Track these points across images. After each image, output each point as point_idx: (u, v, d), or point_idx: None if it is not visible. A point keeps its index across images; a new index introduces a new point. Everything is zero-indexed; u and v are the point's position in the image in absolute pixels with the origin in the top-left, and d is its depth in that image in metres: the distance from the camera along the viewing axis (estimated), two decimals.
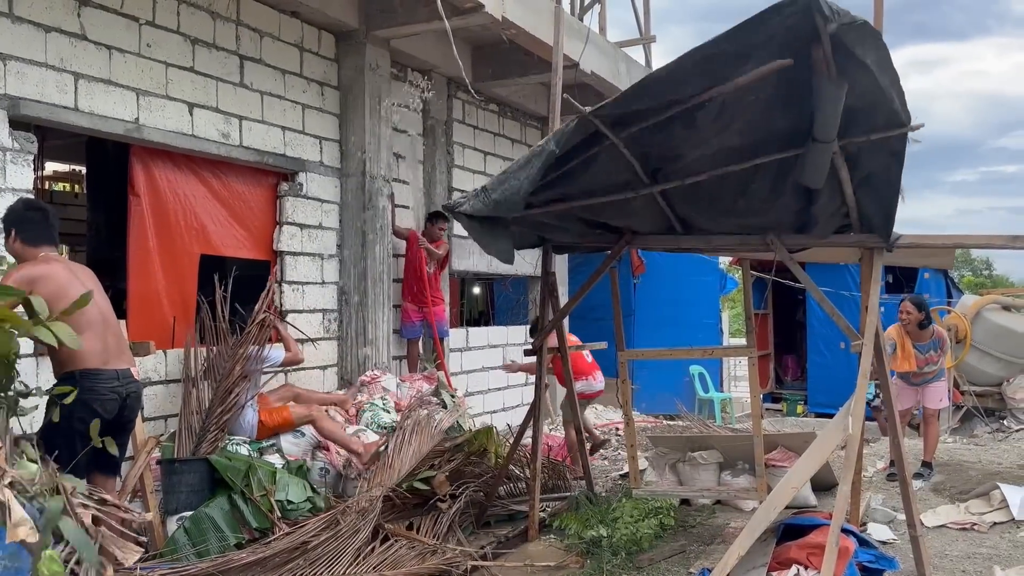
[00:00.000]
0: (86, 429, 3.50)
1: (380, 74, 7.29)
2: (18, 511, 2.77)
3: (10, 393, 3.23)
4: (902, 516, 5.29)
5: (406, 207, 8.10)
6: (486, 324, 10.88)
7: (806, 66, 3.66)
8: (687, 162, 4.70)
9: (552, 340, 6.01)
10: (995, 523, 5.85)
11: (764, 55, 3.65)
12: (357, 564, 4.33)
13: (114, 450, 3.53)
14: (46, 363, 4.35)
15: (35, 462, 3.09)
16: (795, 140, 4.23)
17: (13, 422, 3.30)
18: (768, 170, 4.57)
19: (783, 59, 3.62)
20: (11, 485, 2.84)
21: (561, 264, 10.41)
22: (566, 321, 7.52)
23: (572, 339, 7.74)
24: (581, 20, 9.41)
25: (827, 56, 3.55)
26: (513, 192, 4.26)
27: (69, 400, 3.47)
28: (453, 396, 6.91)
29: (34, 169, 5.05)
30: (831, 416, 7.27)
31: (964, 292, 13.89)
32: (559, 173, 4.67)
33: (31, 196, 4.83)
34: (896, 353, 6.99)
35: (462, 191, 8.89)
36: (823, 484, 6.42)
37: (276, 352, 5.79)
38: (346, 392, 6.79)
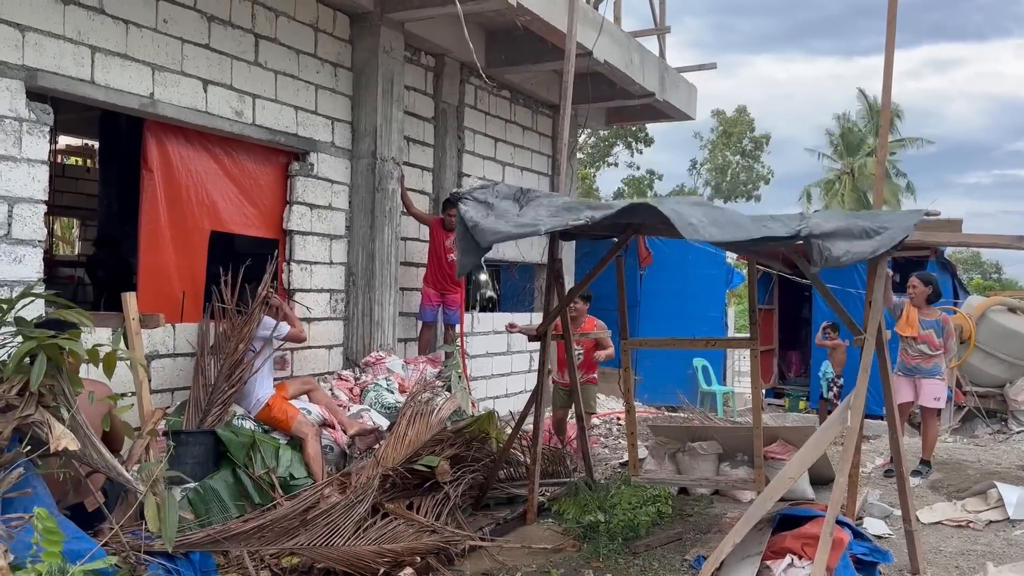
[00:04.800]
0: None
1: (394, 57, 7.32)
2: (58, 425, 3.10)
3: None
4: (898, 512, 5.33)
5: (413, 190, 8.12)
6: (491, 310, 10.91)
7: None
8: None
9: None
10: (991, 521, 5.89)
11: None
12: (357, 537, 4.40)
13: None
14: None
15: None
16: None
17: None
18: None
19: None
20: (46, 407, 3.17)
21: (568, 252, 10.44)
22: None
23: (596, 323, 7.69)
24: (596, 9, 9.39)
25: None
26: (492, 233, 4.51)
27: None
28: (461, 379, 6.94)
29: (49, 141, 5.10)
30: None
31: (971, 293, 13.86)
32: None
33: (46, 168, 4.89)
34: (901, 317, 7.26)
35: (471, 176, 8.92)
36: (821, 478, 6.45)
37: (283, 325, 5.81)
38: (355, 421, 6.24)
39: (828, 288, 5.23)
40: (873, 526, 5.60)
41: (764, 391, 9.13)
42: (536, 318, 9.70)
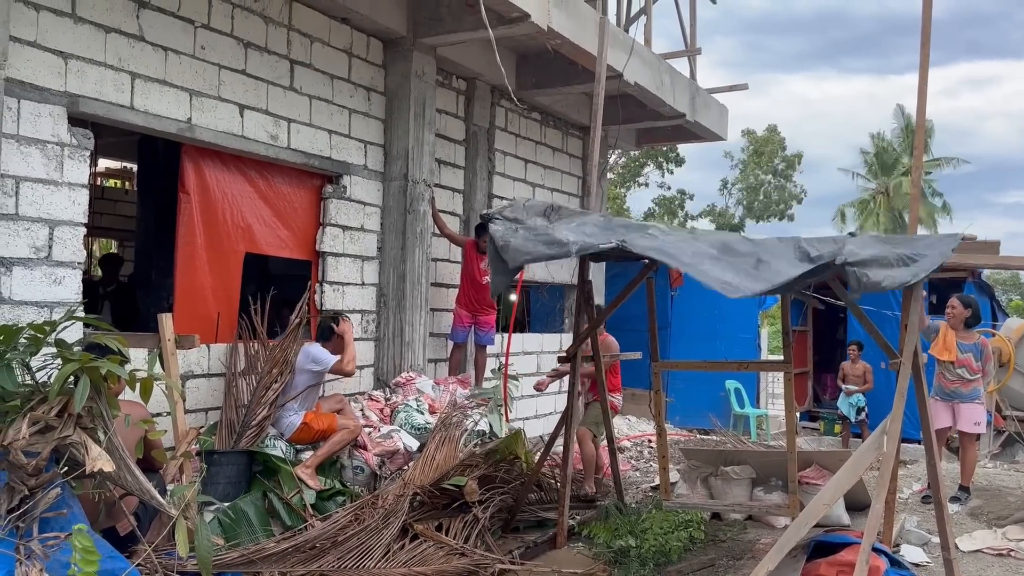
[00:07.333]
0: None
1: (426, 81, 7.40)
2: (94, 447, 3.16)
3: None
4: (937, 539, 5.22)
5: (444, 211, 8.17)
6: (521, 331, 10.91)
7: None
8: None
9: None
10: None
11: None
12: (387, 560, 4.40)
13: None
14: None
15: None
16: None
17: None
18: None
19: None
20: (84, 428, 3.22)
21: (598, 273, 10.42)
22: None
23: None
24: (626, 31, 9.43)
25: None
26: (522, 253, 4.65)
27: None
28: (500, 406, 6.94)
29: (89, 165, 5.21)
30: None
31: (1010, 315, 13.59)
32: None
33: (86, 191, 5.00)
34: (938, 340, 7.09)
35: (502, 198, 8.96)
36: (857, 504, 6.34)
37: (327, 356, 5.75)
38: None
39: (863, 310, 5.16)
40: (911, 554, 5.49)
41: (798, 414, 9.01)
42: (566, 339, 9.68)
